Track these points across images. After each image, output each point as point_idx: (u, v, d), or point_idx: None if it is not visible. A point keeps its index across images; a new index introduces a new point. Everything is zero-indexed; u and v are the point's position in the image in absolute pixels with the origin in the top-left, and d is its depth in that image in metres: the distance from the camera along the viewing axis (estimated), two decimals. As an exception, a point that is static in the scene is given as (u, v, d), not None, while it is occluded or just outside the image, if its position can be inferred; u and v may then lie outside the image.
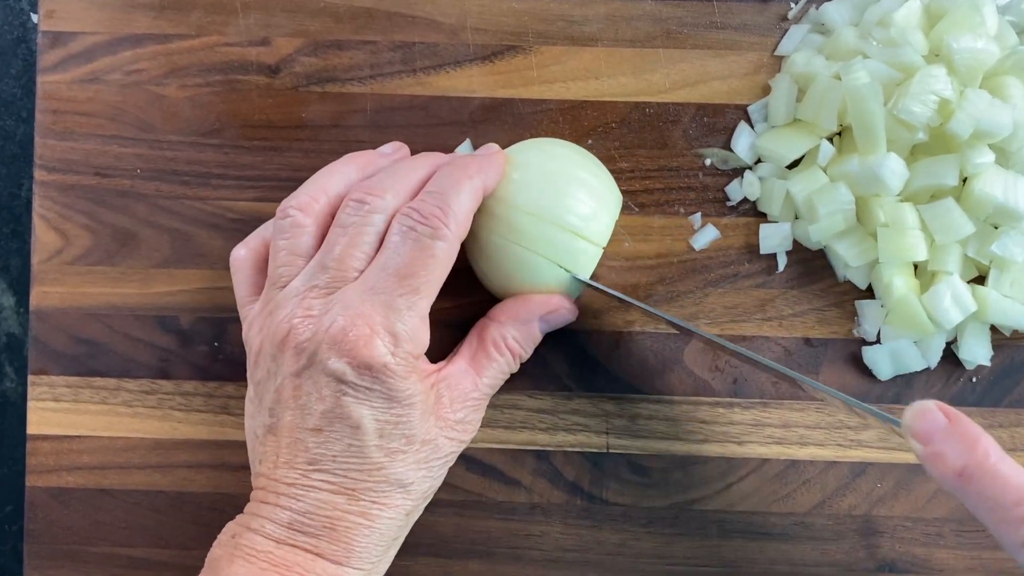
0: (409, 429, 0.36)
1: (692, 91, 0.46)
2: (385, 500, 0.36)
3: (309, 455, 0.36)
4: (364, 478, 0.36)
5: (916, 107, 0.41)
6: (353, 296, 0.36)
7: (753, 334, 0.45)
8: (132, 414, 0.45)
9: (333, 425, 0.36)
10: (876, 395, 0.45)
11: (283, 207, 0.39)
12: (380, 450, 0.36)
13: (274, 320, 0.37)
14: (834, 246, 0.44)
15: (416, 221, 0.37)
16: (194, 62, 0.46)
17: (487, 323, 0.41)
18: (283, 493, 0.36)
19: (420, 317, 0.36)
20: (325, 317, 0.36)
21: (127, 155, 0.46)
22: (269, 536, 0.35)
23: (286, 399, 0.36)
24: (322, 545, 0.35)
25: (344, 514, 0.36)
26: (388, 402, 0.36)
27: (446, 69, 0.46)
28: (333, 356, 0.35)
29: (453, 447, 0.39)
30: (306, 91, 0.46)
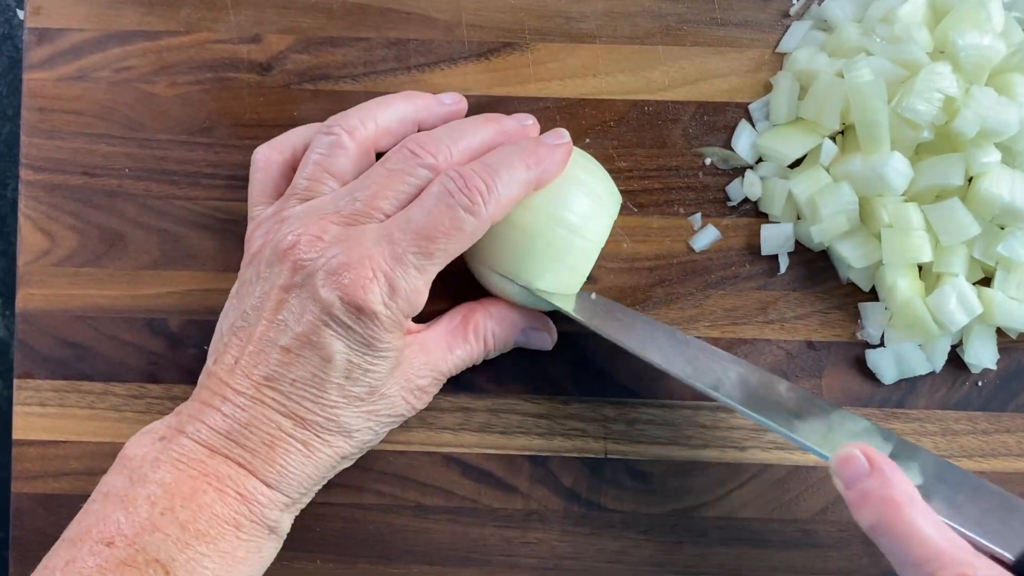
0: (375, 380, 0.37)
1: (692, 89, 0.46)
2: (328, 438, 0.37)
3: (268, 369, 0.36)
4: (315, 411, 0.36)
5: (921, 105, 0.41)
6: (368, 237, 0.36)
7: (754, 337, 0.45)
8: (120, 419, 0.45)
9: (303, 350, 0.36)
10: (880, 399, 0.45)
11: (330, 123, 0.39)
12: (340, 390, 0.36)
13: (283, 229, 0.37)
14: (837, 247, 0.44)
15: (458, 188, 0.36)
16: (184, 59, 0.46)
17: (475, 307, 0.41)
18: (228, 399, 0.36)
19: (424, 281, 0.36)
20: (334, 246, 0.36)
21: (115, 154, 0.46)
22: (202, 443, 0.35)
23: (267, 308, 0.36)
24: (256, 463, 0.35)
25: (286, 436, 0.36)
26: (365, 347, 0.36)
27: (441, 67, 0.46)
28: (328, 285, 0.35)
29: (405, 409, 0.39)
30: (298, 89, 0.46)
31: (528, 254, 0.39)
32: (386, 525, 0.44)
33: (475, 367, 0.43)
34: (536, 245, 0.39)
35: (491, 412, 0.45)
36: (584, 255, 0.40)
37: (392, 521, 0.44)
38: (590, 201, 0.40)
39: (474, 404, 0.45)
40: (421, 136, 0.38)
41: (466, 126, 0.39)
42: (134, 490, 0.35)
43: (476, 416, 0.45)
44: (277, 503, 0.36)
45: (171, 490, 0.34)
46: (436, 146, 0.38)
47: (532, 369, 0.45)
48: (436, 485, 0.45)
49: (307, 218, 0.37)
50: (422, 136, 0.38)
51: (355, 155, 0.39)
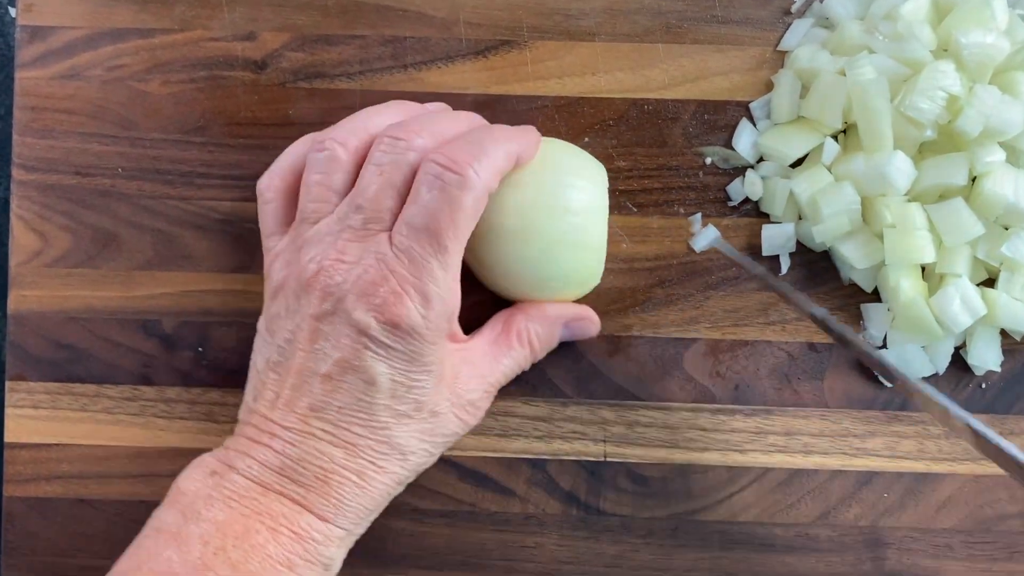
0: (421, 395, 0.36)
1: (692, 87, 0.46)
2: (383, 463, 0.36)
3: (313, 400, 0.35)
4: (367, 435, 0.36)
5: (924, 104, 0.41)
6: (387, 250, 0.35)
7: (755, 338, 0.45)
8: (113, 421, 0.45)
9: (345, 375, 0.35)
10: (882, 402, 0.45)
11: (321, 139, 0.38)
12: (388, 411, 0.36)
13: (303, 257, 0.37)
14: (839, 248, 0.44)
15: (443, 168, 0.36)
16: (178, 57, 0.46)
17: (514, 312, 0.41)
18: (277, 435, 0.35)
19: (452, 276, 0.36)
20: (358, 265, 0.35)
21: (108, 153, 0.46)
22: (255, 480, 0.35)
23: (301, 340, 0.36)
24: (311, 497, 0.35)
25: (340, 468, 0.35)
26: (408, 364, 0.36)
27: (438, 64, 0.46)
28: (360, 307, 0.35)
29: (458, 427, 0.38)
30: (293, 87, 0.46)
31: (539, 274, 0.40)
32: (382, 529, 0.43)
33: None
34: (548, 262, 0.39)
35: (489, 415, 0.44)
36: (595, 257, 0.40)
37: (388, 525, 0.44)
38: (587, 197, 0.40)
39: None
40: (399, 123, 0.38)
41: (442, 114, 0.40)
42: (187, 528, 0.34)
43: None
44: (332, 538, 0.36)
45: (224, 529, 0.34)
46: (417, 127, 0.37)
47: (530, 371, 0.44)
48: (433, 488, 0.44)
49: (322, 242, 0.37)
50: (400, 123, 0.38)
51: (351, 167, 0.38)
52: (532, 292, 0.41)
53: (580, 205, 0.39)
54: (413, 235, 0.35)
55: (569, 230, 0.39)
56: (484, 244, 0.39)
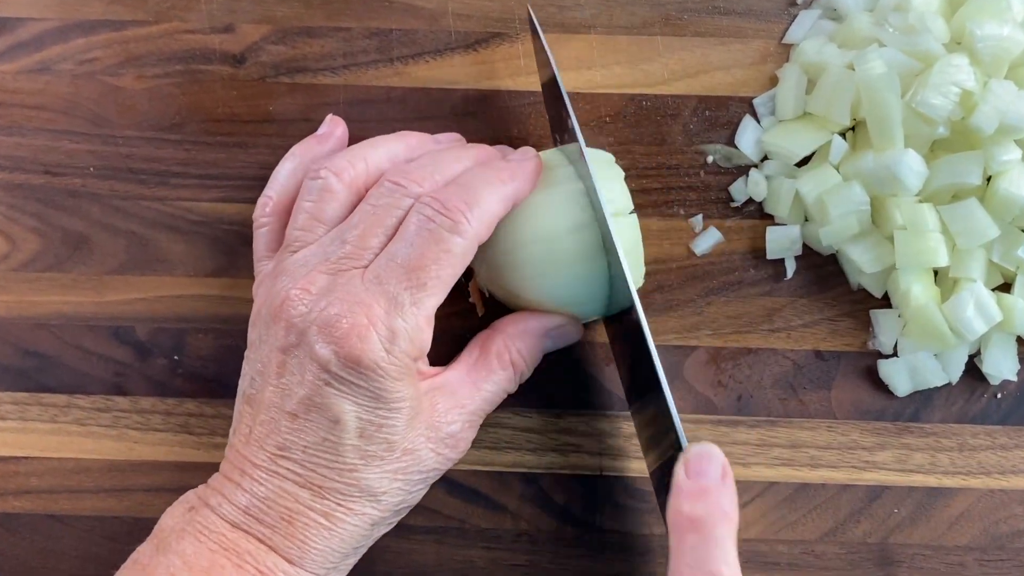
0: (392, 434, 0.36)
1: (693, 82, 0.46)
2: (352, 505, 0.36)
3: (280, 438, 0.35)
4: (334, 477, 0.35)
5: (936, 99, 0.41)
6: (356, 283, 0.35)
7: (759, 346, 0.45)
8: (85, 433, 0.44)
9: (310, 414, 0.35)
10: (893, 412, 0.44)
11: (317, 167, 0.38)
12: (356, 451, 0.35)
13: (277, 285, 0.37)
14: (847, 251, 0.43)
15: (436, 211, 0.36)
16: (152, 51, 0.46)
17: (491, 334, 0.40)
18: (247, 473, 0.36)
19: (425, 316, 0.36)
20: (323, 298, 0.35)
21: (79, 152, 0.45)
22: (224, 517, 0.35)
23: (269, 373, 0.36)
24: (275, 539, 0.35)
25: (305, 510, 0.35)
26: (374, 402, 0.35)
27: (426, 58, 0.46)
28: (321, 341, 0.35)
29: (438, 463, 0.38)
30: (274, 82, 0.46)
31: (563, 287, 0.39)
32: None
33: None
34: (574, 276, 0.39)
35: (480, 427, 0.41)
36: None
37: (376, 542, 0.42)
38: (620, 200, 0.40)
39: None
40: (405, 167, 0.38)
41: (448, 153, 0.40)
42: (156, 559, 0.35)
43: None
44: None
45: (190, 562, 0.34)
46: (420, 174, 0.37)
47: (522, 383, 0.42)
48: (420, 504, 0.41)
49: (297, 271, 0.36)
50: (406, 167, 0.38)
51: (345, 198, 0.38)
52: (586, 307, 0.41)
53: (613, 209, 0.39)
54: (390, 269, 0.35)
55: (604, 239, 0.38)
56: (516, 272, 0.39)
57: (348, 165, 0.38)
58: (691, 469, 0.35)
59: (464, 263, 0.36)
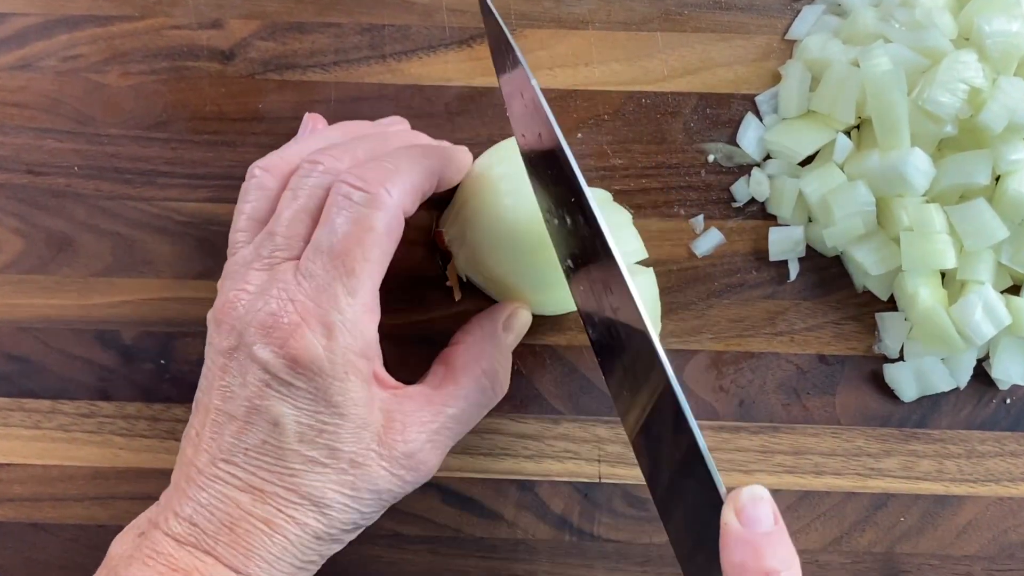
0: (335, 441, 0.35)
1: (693, 79, 0.46)
2: (293, 512, 0.35)
3: (223, 442, 0.35)
4: (274, 480, 0.35)
5: (943, 97, 0.41)
6: (290, 278, 0.35)
7: (762, 350, 0.44)
8: (69, 440, 0.44)
9: (251, 417, 0.35)
10: (899, 418, 0.44)
11: (251, 168, 0.38)
12: (297, 456, 0.35)
13: (221, 289, 0.37)
14: (852, 252, 0.43)
15: (352, 187, 0.35)
16: (138, 47, 0.46)
17: (453, 348, 0.40)
18: (192, 480, 0.35)
19: (362, 305, 0.35)
20: (260, 297, 0.35)
21: (63, 151, 0.45)
22: (171, 534, 0.35)
23: (214, 377, 0.36)
24: (219, 549, 0.34)
25: (245, 515, 0.35)
26: (315, 404, 0.34)
27: (419, 54, 0.46)
28: (259, 342, 0.34)
29: (393, 484, 0.36)
30: (263, 79, 0.46)
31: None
32: (357, 557, 0.43)
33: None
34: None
35: (474, 432, 0.42)
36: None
37: (364, 552, 0.43)
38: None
39: None
40: (320, 149, 0.38)
41: (375, 135, 0.39)
42: None
43: None
44: None
45: None
46: (340, 151, 0.37)
47: (519, 385, 0.44)
48: (413, 512, 0.44)
49: (236, 272, 0.36)
50: (321, 148, 0.38)
51: (279, 194, 0.37)
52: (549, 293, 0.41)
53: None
54: (318, 259, 0.35)
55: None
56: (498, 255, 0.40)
57: (280, 160, 0.38)
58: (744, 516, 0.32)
59: (392, 239, 0.35)
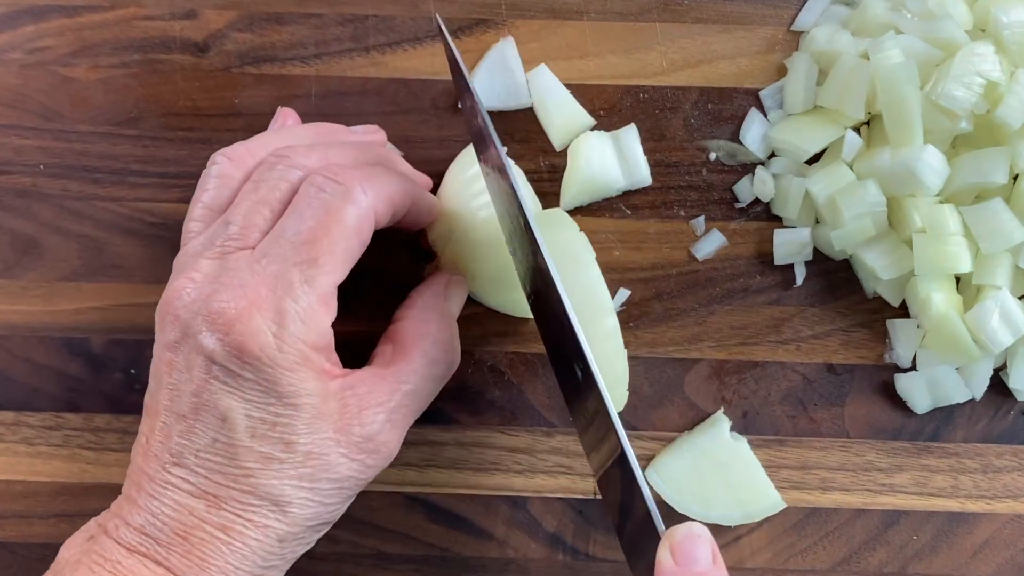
0: (289, 433, 0.34)
1: (694, 73, 0.46)
2: (252, 516, 0.34)
3: (172, 445, 0.34)
4: (228, 484, 0.34)
5: (958, 91, 0.41)
6: (241, 263, 0.35)
7: (766, 359, 0.44)
8: (33, 453, 0.44)
9: (200, 414, 0.34)
10: (911, 431, 0.44)
11: (213, 155, 0.38)
12: (250, 453, 0.34)
13: (171, 280, 0.36)
14: (861, 255, 0.43)
15: (327, 179, 0.35)
16: (108, 38, 0.46)
17: (397, 324, 0.40)
18: (143, 488, 0.35)
19: (319, 296, 0.35)
20: (206, 284, 0.35)
21: (28, 148, 0.45)
22: (121, 542, 0.34)
23: (161, 375, 0.35)
24: (172, 559, 0.34)
25: (200, 523, 0.34)
26: (265, 396, 0.34)
27: (404, 47, 0.45)
28: (205, 330, 0.34)
29: (354, 470, 0.36)
30: (239, 72, 0.45)
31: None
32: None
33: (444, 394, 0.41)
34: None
35: (462, 446, 0.44)
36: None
37: (348, 572, 0.43)
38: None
39: (442, 437, 0.44)
40: (288, 146, 0.38)
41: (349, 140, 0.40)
42: None
43: (445, 451, 0.44)
44: None
45: None
46: (308, 149, 0.37)
47: (509, 396, 0.44)
48: (398, 530, 0.43)
49: (186, 263, 0.36)
50: (290, 145, 0.38)
51: (240, 186, 0.37)
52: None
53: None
54: (279, 246, 0.35)
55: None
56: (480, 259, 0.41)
57: (245, 151, 0.38)
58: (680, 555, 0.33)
59: (360, 240, 0.36)
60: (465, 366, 0.43)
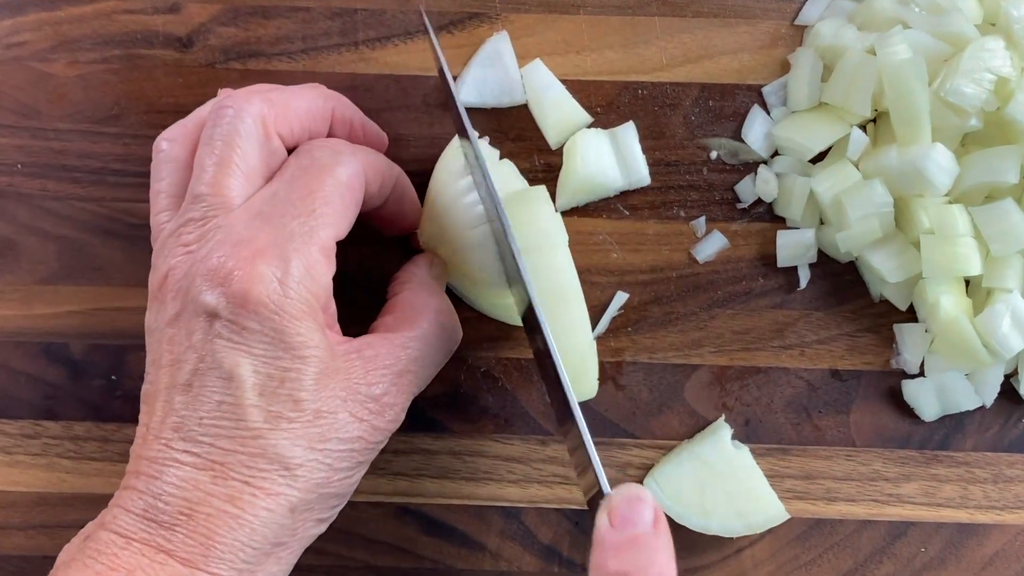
0: (299, 389, 0.34)
1: (694, 68, 0.46)
2: (262, 483, 0.34)
3: (175, 419, 0.34)
4: (236, 448, 0.34)
5: (968, 87, 0.40)
6: (236, 220, 0.35)
7: (769, 365, 0.44)
8: (11, 463, 0.43)
9: (204, 378, 0.34)
10: (919, 439, 0.44)
11: (155, 143, 0.38)
12: (258, 411, 0.34)
13: (154, 271, 0.36)
14: (868, 258, 0.43)
15: (316, 146, 0.37)
16: (87, 33, 0.45)
17: (396, 297, 0.40)
18: (142, 473, 0.34)
19: (320, 247, 0.35)
20: (203, 247, 0.35)
21: (5, 147, 0.45)
22: (120, 532, 0.33)
23: (161, 355, 0.35)
24: (176, 540, 0.33)
25: (206, 496, 0.33)
26: (272, 348, 0.34)
27: (394, 41, 0.45)
28: (206, 288, 0.34)
29: (362, 431, 0.36)
30: (224, 68, 0.45)
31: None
32: None
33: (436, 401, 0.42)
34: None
35: (454, 455, 0.44)
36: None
37: None
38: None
39: (434, 445, 0.44)
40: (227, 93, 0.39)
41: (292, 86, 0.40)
42: None
43: (437, 459, 0.44)
44: None
45: None
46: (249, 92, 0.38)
47: (503, 402, 0.43)
48: (389, 542, 0.43)
49: (166, 245, 0.36)
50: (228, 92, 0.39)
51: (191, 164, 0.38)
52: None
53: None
54: (273, 203, 0.35)
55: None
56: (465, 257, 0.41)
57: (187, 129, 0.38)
58: (617, 517, 0.33)
59: (354, 197, 0.37)
60: (458, 372, 0.43)
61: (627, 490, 0.33)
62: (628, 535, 0.33)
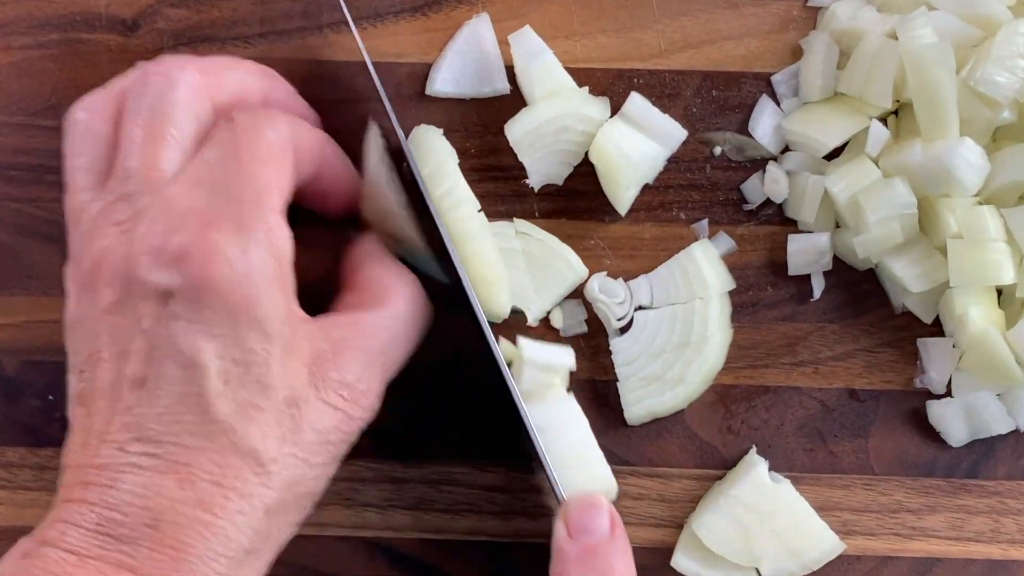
0: (266, 375, 0.34)
1: (696, 55, 0.45)
2: (234, 483, 0.33)
3: (127, 418, 0.33)
4: (203, 445, 0.33)
5: (999, 76, 0.40)
6: (174, 192, 0.35)
7: (779, 384, 0.44)
8: None
9: (160, 368, 0.33)
10: (945, 466, 0.44)
11: (70, 113, 0.38)
12: (226, 401, 0.33)
13: (79, 257, 0.36)
14: (889, 265, 0.43)
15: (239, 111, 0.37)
16: (22, 15, 0.45)
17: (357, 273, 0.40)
18: (91, 482, 0.33)
19: (271, 210, 0.35)
20: (141, 224, 0.34)
21: None
22: (71, 549, 0.32)
23: (98, 348, 0.34)
24: (140, 556, 0.32)
25: (172, 503, 0.32)
26: (234, 327, 0.33)
27: (363, 24, 0.45)
28: (154, 268, 0.34)
29: (337, 420, 0.36)
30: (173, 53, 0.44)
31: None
32: None
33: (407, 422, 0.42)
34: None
35: (429, 484, 0.44)
36: None
37: None
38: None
39: (406, 473, 0.44)
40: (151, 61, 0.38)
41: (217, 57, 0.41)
42: None
43: (409, 489, 0.44)
44: None
45: None
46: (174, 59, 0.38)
47: (483, 426, 0.43)
48: None
49: (95, 226, 0.35)
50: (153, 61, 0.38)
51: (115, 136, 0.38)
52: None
53: None
54: (208, 169, 0.35)
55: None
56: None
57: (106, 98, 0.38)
58: (573, 525, 0.36)
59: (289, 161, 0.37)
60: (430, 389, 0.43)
61: (582, 498, 0.36)
62: (584, 544, 0.35)
